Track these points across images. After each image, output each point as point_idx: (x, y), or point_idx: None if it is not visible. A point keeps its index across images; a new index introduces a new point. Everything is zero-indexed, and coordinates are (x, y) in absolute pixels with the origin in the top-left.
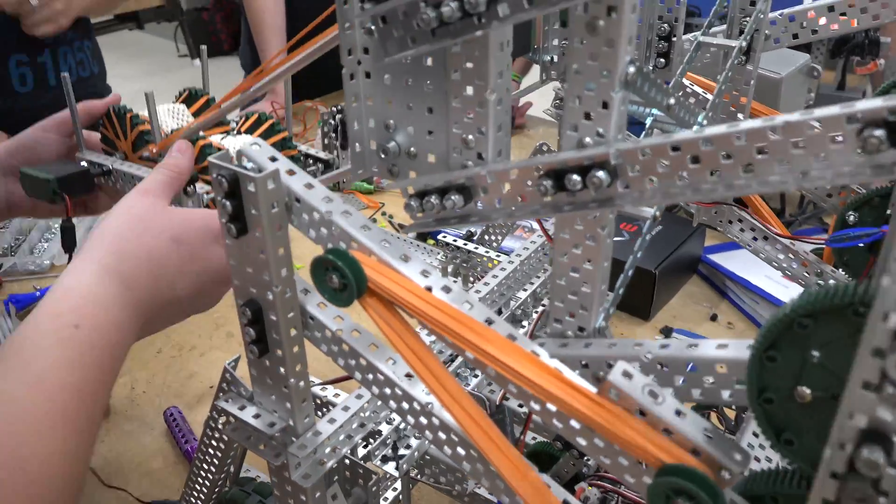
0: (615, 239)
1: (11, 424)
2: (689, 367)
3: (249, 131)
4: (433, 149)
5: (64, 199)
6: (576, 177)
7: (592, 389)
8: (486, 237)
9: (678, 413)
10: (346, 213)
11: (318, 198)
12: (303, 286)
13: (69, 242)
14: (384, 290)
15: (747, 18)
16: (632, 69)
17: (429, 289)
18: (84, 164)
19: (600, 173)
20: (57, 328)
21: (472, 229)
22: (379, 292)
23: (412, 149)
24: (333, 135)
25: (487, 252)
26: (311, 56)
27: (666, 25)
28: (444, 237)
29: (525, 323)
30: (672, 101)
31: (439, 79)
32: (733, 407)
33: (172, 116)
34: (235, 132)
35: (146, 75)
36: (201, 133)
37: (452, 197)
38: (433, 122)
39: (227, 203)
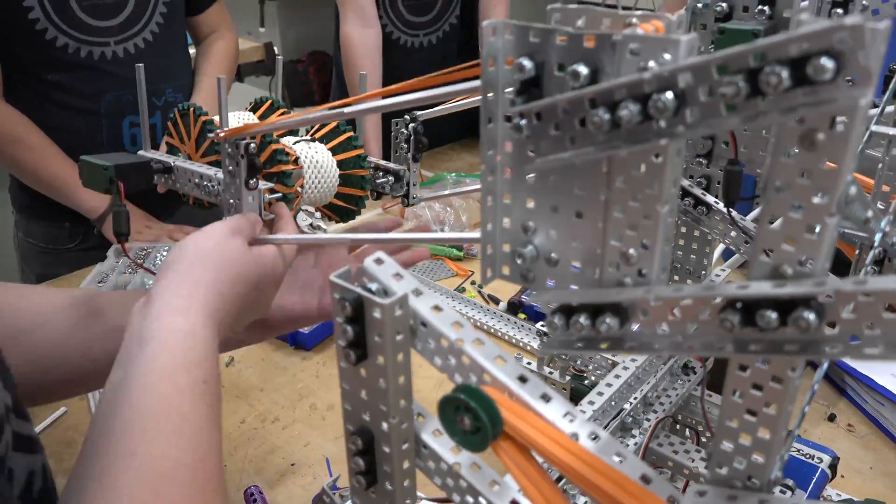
0: None
1: (180, 493)
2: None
3: (324, 140)
4: (579, 256)
5: (118, 188)
6: (772, 314)
7: None
8: None
9: None
10: (478, 342)
11: (447, 323)
12: (418, 410)
13: (121, 227)
14: (522, 435)
15: None
16: (853, 190)
17: (574, 436)
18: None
19: (809, 315)
20: (191, 383)
21: None
22: (515, 437)
23: (553, 254)
24: (405, 145)
25: None
26: (400, 105)
27: None
28: (543, 326)
29: (636, 433)
30: (870, 213)
31: (593, 181)
32: None
33: (238, 120)
34: (309, 138)
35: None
36: (273, 135)
37: (607, 320)
38: (582, 228)
39: (349, 329)
